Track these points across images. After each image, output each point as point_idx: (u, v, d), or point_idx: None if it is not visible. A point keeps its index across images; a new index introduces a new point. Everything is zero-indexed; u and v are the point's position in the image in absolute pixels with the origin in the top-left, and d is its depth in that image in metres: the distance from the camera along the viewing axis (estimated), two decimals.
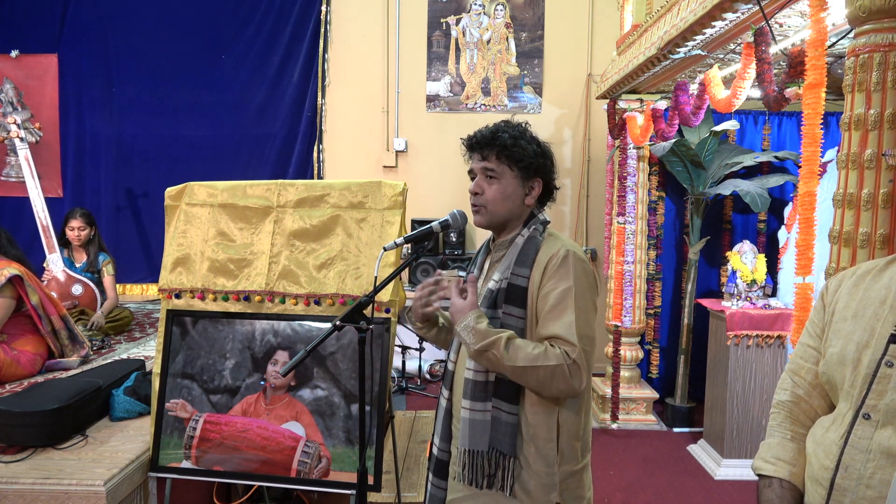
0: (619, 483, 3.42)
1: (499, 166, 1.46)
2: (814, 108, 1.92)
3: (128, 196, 5.49)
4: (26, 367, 2.80)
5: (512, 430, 1.40)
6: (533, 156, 1.47)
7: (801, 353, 1.27)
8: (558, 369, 1.31)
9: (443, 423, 1.54)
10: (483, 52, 5.36)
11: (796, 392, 1.26)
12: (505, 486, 1.40)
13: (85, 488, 1.92)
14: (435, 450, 1.56)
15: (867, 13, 1.55)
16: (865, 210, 1.59)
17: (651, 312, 4.56)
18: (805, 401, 1.25)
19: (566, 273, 1.39)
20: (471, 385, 1.43)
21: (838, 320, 1.19)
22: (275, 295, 2.22)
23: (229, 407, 2.19)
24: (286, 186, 2.28)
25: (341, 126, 5.45)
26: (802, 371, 1.26)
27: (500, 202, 1.46)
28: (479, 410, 1.42)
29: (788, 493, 1.18)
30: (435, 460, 1.55)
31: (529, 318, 1.42)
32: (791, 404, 1.26)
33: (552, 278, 1.39)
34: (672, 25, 2.81)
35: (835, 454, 1.10)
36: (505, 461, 1.40)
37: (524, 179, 1.48)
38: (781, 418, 1.27)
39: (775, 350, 3.50)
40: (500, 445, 1.40)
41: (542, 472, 1.40)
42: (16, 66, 5.33)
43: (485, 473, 1.41)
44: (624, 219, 4.20)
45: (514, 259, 1.45)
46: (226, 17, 5.34)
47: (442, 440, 1.54)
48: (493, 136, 1.45)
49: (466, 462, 1.43)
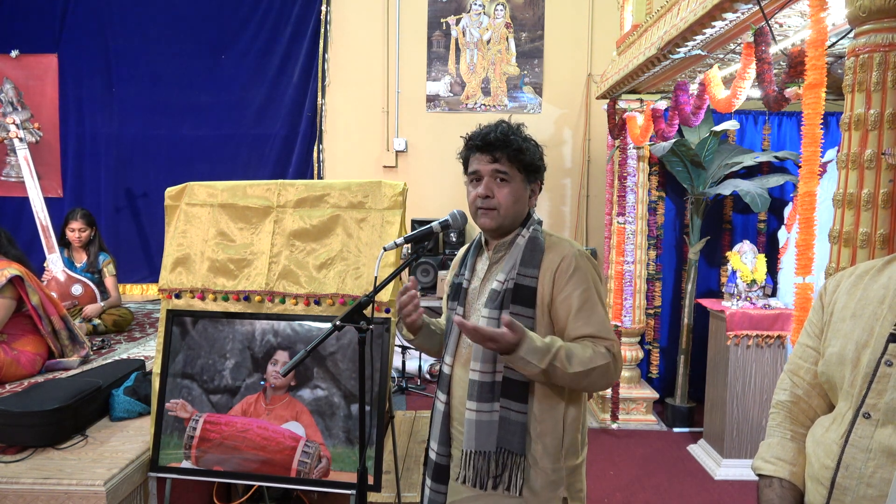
0: (619, 483, 3.42)
1: (511, 169, 1.45)
2: (814, 108, 1.92)
3: (128, 196, 5.49)
4: (26, 367, 2.80)
5: (522, 428, 1.41)
6: (539, 159, 1.50)
7: (800, 354, 1.28)
8: (608, 367, 1.37)
9: (441, 427, 1.53)
10: (483, 52, 5.36)
11: (795, 392, 1.26)
12: (512, 486, 1.41)
13: (85, 488, 1.92)
14: (432, 454, 1.55)
15: (867, 13, 1.55)
16: (865, 210, 1.59)
17: (651, 312, 4.56)
18: (804, 401, 1.25)
19: (583, 275, 1.43)
20: (477, 386, 1.43)
21: (837, 320, 1.19)
22: (275, 295, 2.22)
23: (229, 407, 2.19)
24: (286, 186, 2.28)
25: (341, 126, 5.45)
26: (801, 371, 1.26)
27: (512, 205, 1.47)
28: (485, 411, 1.42)
29: (788, 493, 1.18)
30: (434, 465, 1.54)
31: (538, 318, 1.44)
32: (790, 404, 1.26)
33: (569, 282, 1.42)
34: (672, 25, 2.81)
35: (835, 453, 1.10)
36: (514, 460, 1.41)
37: (529, 182, 1.50)
38: (781, 418, 1.27)
39: (775, 350, 3.50)
40: (509, 445, 1.41)
41: (548, 469, 1.43)
42: (16, 66, 5.33)
43: (491, 474, 1.42)
44: (624, 219, 4.20)
45: (518, 260, 1.46)
46: (226, 18, 5.34)
47: (441, 444, 1.53)
48: (505, 138, 1.44)
49: (471, 464, 1.43)
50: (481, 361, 1.43)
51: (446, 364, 1.54)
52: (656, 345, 4.61)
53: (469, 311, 1.53)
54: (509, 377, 1.42)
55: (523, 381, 1.42)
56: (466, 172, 1.52)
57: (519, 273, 1.44)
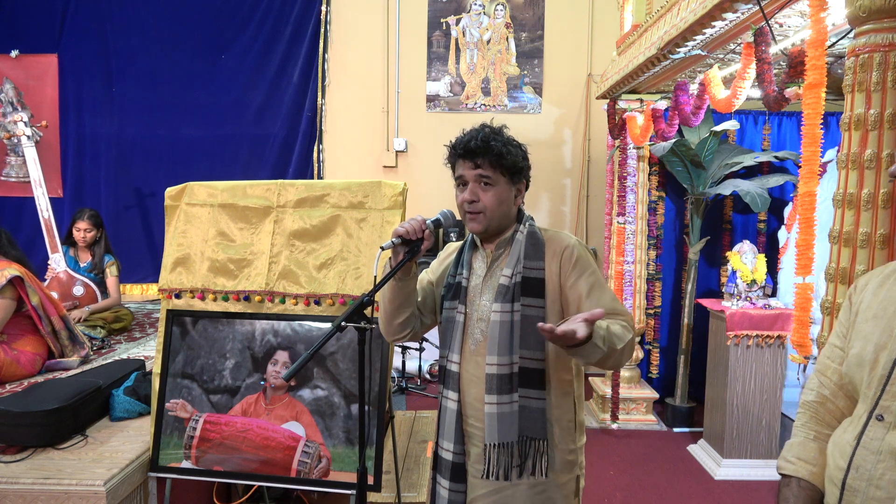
0: (619, 483, 3.42)
1: (494, 173, 1.49)
2: (814, 108, 1.92)
3: (127, 196, 5.49)
4: (26, 367, 2.80)
5: (542, 414, 1.46)
6: (522, 160, 1.53)
7: (829, 353, 1.25)
8: (633, 341, 1.43)
9: (455, 425, 1.53)
10: (483, 52, 5.36)
11: (822, 392, 1.24)
12: (537, 471, 1.45)
13: (85, 488, 1.92)
14: (446, 455, 1.55)
15: (867, 13, 1.55)
16: (865, 210, 1.59)
17: (651, 312, 4.56)
18: (830, 401, 1.23)
19: (585, 262, 1.50)
20: (496, 380, 1.46)
21: (861, 321, 1.18)
22: (275, 295, 2.22)
23: (229, 407, 2.19)
24: (286, 186, 2.28)
25: (341, 126, 5.45)
26: (829, 371, 1.24)
27: (498, 208, 1.51)
28: (506, 403, 1.45)
29: (805, 493, 1.17)
30: (450, 465, 1.54)
31: (549, 308, 1.49)
32: (816, 404, 1.25)
33: (574, 268, 1.49)
34: (672, 25, 2.81)
35: (847, 454, 1.10)
36: (536, 446, 1.45)
37: (514, 183, 1.53)
38: (806, 418, 1.26)
39: (775, 350, 3.50)
40: (531, 432, 1.45)
41: (565, 451, 1.51)
42: (16, 66, 5.33)
43: (515, 464, 1.45)
44: (624, 219, 4.20)
45: (522, 254, 1.51)
46: (226, 18, 5.34)
47: (455, 443, 1.53)
48: (486, 144, 1.48)
49: (495, 457, 1.45)
50: (497, 355, 1.46)
51: (453, 362, 1.55)
52: (656, 345, 4.61)
53: (470, 309, 1.54)
54: (526, 367, 1.46)
55: (539, 369, 1.47)
56: (454, 177, 1.56)
57: (525, 267, 1.49)
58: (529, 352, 1.46)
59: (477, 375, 1.50)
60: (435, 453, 1.62)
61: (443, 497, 1.56)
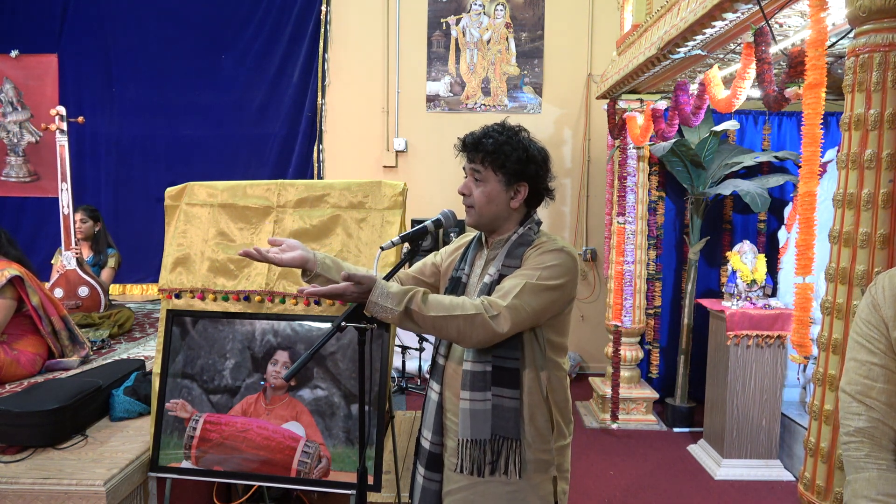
0: (619, 483, 3.42)
1: (484, 170, 1.52)
2: (814, 108, 1.92)
3: (127, 196, 5.49)
4: (26, 367, 2.80)
5: (515, 414, 1.46)
6: (516, 161, 1.50)
7: (865, 373, 1.17)
8: (475, 318, 1.37)
9: (434, 416, 1.58)
10: (483, 52, 5.36)
11: (872, 416, 1.17)
12: (509, 470, 1.45)
13: (85, 488, 1.92)
14: (426, 443, 1.59)
15: (867, 13, 1.55)
16: (865, 210, 1.59)
17: (651, 312, 4.56)
18: (884, 423, 1.16)
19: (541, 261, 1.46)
20: (469, 376, 1.48)
21: None
22: (275, 295, 2.22)
23: (229, 407, 2.19)
24: (286, 186, 2.28)
25: (341, 126, 5.45)
26: (874, 392, 1.16)
27: (485, 204, 1.53)
28: (479, 400, 1.47)
29: None
30: (427, 454, 1.58)
31: None
32: (871, 429, 1.17)
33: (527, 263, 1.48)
34: (672, 25, 2.81)
35: None
36: (509, 445, 1.45)
37: (508, 184, 1.52)
38: (868, 448, 1.17)
39: (775, 350, 3.50)
40: (504, 431, 1.46)
41: (539, 451, 1.50)
42: (16, 66, 5.33)
43: (487, 461, 1.46)
44: (624, 219, 4.20)
45: (505, 253, 1.53)
46: (226, 18, 5.34)
47: (434, 434, 1.58)
48: (478, 141, 1.51)
49: (468, 452, 1.47)
50: (473, 352, 1.48)
51: (441, 355, 1.60)
52: (656, 345, 4.61)
53: None
54: (499, 366, 1.47)
55: (514, 368, 1.47)
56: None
57: (503, 265, 1.51)
58: (504, 350, 1.46)
59: (458, 371, 1.53)
60: (417, 440, 1.66)
61: (419, 483, 1.61)
